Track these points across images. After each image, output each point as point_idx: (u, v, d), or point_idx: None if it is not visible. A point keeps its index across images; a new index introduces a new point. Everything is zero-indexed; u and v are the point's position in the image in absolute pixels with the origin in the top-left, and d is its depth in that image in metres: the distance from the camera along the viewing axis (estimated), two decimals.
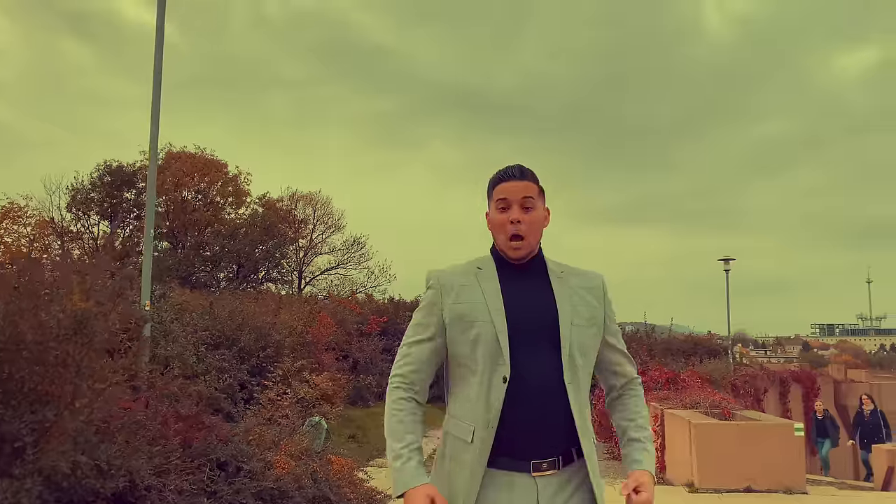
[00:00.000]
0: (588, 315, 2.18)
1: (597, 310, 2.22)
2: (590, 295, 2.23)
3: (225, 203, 35.37)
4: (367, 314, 19.74)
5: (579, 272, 2.28)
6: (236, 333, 10.33)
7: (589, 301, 2.22)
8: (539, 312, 2.14)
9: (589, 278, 2.28)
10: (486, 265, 2.24)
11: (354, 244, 36.83)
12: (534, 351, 2.08)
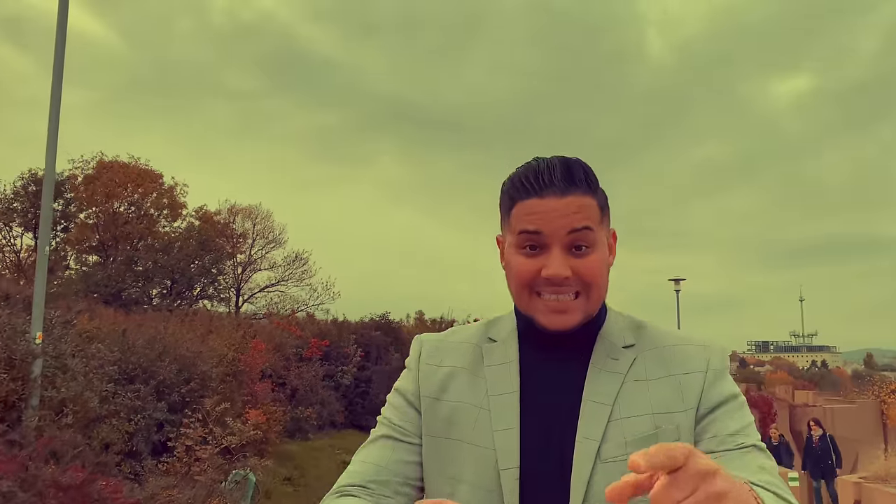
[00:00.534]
0: (645, 431, 1.15)
1: (676, 416, 1.16)
2: (667, 386, 1.19)
3: (159, 215, 34.50)
4: (308, 336, 18.51)
5: (667, 339, 1.26)
6: (155, 365, 9.05)
7: (660, 400, 1.18)
8: (563, 433, 1.18)
9: (679, 353, 1.23)
10: (503, 331, 1.31)
11: (296, 260, 35.84)
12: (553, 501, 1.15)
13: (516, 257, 1.20)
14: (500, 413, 1.19)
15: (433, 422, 1.25)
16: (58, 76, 6.88)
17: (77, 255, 33.39)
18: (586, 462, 1.13)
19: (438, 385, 1.28)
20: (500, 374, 1.24)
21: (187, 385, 9.37)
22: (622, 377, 1.19)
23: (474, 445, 1.19)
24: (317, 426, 15.62)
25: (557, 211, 1.16)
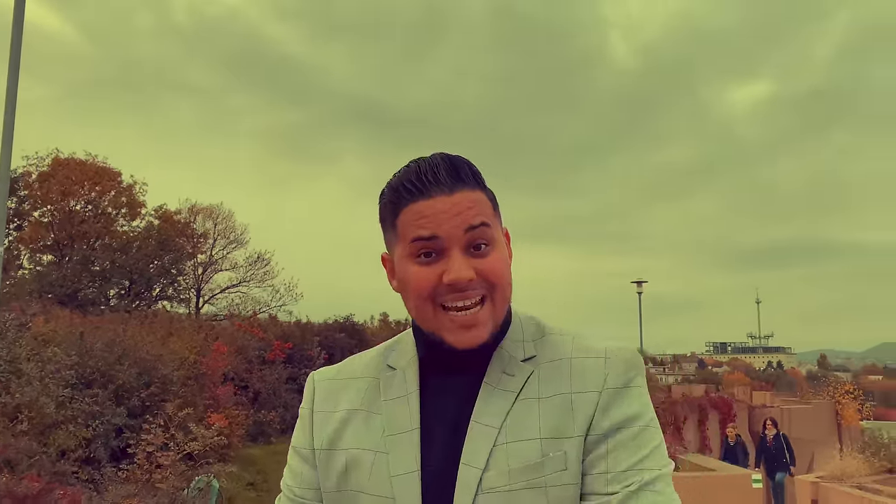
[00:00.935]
0: (530, 459, 1.02)
1: (562, 442, 1.02)
2: (557, 407, 1.05)
3: (117, 214, 33.85)
4: (271, 339, 18.28)
5: (566, 351, 1.10)
6: (114, 369, 8.82)
7: (547, 423, 1.04)
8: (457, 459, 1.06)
9: (577, 367, 1.07)
10: (404, 357, 1.17)
11: (258, 260, 35.42)
12: None
13: (412, 268, 1.06)
14: (399, 456, 1.07)
15: (329, 477, 1.13)
16: (14, 70, 6.66)
17: (31, 254, 32.59)
18: (467, 493, 1.01)
19: (332, 434, 1.14)
20: (399, 410, 1.11)
21: (147, 389, 9.15)
22: (514, 396, 1.06)
23: (371, 495, 1.06)
24: (280, 430, 15.44)
25: (449, 210, 1.04)
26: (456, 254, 1.04)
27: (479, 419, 1.05)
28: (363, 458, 1.09)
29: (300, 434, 1.19)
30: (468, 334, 1.05)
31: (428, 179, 1.06)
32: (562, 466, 1.00)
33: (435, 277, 1.04)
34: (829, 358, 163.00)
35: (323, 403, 1.18)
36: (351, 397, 1.16)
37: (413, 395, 1.11)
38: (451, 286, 1.03)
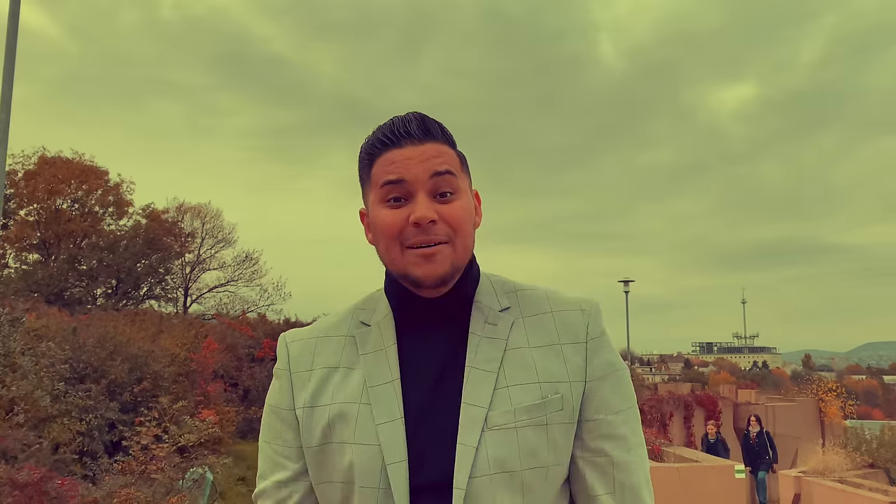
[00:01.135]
0: (531, 400, 1.11)
1: (557, 386, 1.13)
2: (549, 355, 1.15)
3: (104, 213, 33.60)
4: (260, 337, 18.30)
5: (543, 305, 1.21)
6: (106, 364, 8.87)
7: (545, 367, 1.14)
8: (445, 406, 1.13)
9: (559, 319, 1.19)
10: (378, 315, 1.23)
11: (246, 260, 35.28)
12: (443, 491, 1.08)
13: (382, 211, 1.15)
14: (382, 405, 1.12)
15: (312, 434, 1.15)
16: (9, 70, 6.71)
17: (16, 253, 32.34)
18: (473, 429, 1.07)
19: (313, 391, 1.17)
20: (378, 363, 1.16)
21: (139, 385, 9.21)
22: (504, 343, 1.15)
23: (358, 444, 1.10)
24: None
25: (417, 157, 1.13)
26: (421, 197, 1.12)
27: (475, 365, 1.12)
28: (347, 410, 1.12)
29: (277, 394, 1.22)
30: (429, 265, 1.12)
31: (400, 132, 1.15)
32: (559, 407, 1.10)
33: (402, 219, 1.12)
34: (814, 358, 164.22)
35: (298, 363, 1.21)
36: (327, 355, 1.20)
37: (391, 348, 1.16)
38: (416, 225, 1.11)
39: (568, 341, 1.16)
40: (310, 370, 1.19)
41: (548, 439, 1.09)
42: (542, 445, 1.09)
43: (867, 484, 12.09)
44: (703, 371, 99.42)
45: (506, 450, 1.07)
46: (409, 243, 1.12)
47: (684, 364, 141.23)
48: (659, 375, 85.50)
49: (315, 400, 1.16)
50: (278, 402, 1.21)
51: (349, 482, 1.10)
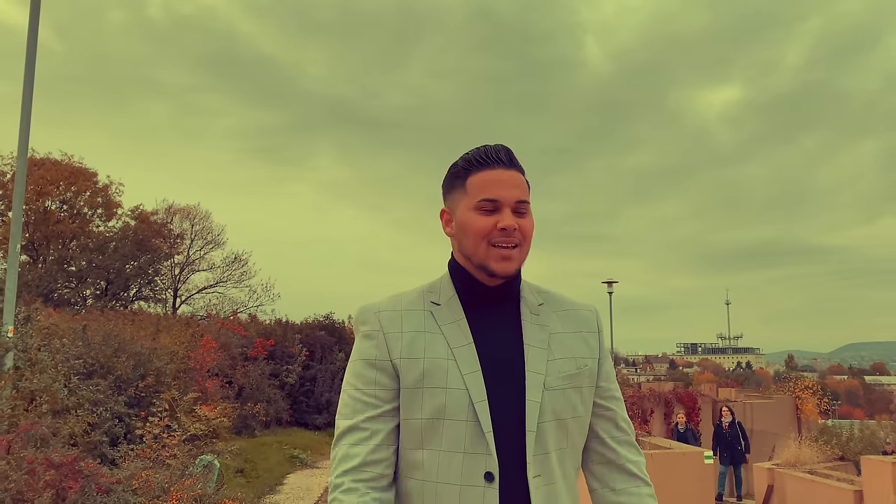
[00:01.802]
0: (571, 371, 1.56)
1: (587, 361, 1.60)
2: (578, 340, 1.62)
3: (93, 214, 33.50)
4: (253, 336, 18.69)
5: (565, 304, 1.68)
6: (112, 361, 9.29)
7: (576, 349, 1.60)
8: (511, 371, 1.53)
9: (578, 315, 1.67)
10: (444, 296, 1.62)
11: (235, 261, 35.39)
12: (512, 428, 1.49)
13: (476, 217, 1.54)
14: (465, 360, 1.50)
15: (408, 377, 1.50)
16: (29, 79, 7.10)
17: (3, 254, 32.37)
18: (537, 389, 1.50)
19: (407, 347, 1.52)
20: (455, 331, 1.54)
21: (143, 380, 9.63)
22: (548, 328, 1.60)
23: (451, 389, 1.47)
24: (263, 423, 15.89)
25: (507, 182, 1.55)
26: (508, 211, 1.53)
27: (531, 343, 1.56)
28: (440, 363, 1.49)
29: (374, 350, 1.54)
30: (506, 263, 1.53)
31: (495, 157, 1.57)
32: (588, 376, 1.58)
33: (491, 224, 1.52)
34: (797, 358, 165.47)
35: (390, 326, 1.56)
36: (412, 322, 1.56)
37: (462, 320, 1.56)
38: (503, 230, 1.52)
39: (587, 330, 1.65)
40: (400, 332, 1.55)
41: (581, 398, 1.57)
42: (579, 402, 1.56)
43: (835, 475, 12.70)
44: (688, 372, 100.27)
45: (559, 404, 1.52)
46: (493, 242, 1.53)
47: (669, 365, 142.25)
48: (644, 376, 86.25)
49: (411, 353, 1.52)
50: (375, 356, 1.54)
51: (438, 418, 1.46)
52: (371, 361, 1.53)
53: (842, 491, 11.41)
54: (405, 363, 1.51)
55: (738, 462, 14.15)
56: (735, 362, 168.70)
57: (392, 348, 1.53)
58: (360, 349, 1.57)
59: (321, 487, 11.22)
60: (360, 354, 1.56)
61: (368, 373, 1.53)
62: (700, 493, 8.14)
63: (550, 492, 1.47)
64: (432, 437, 1.47)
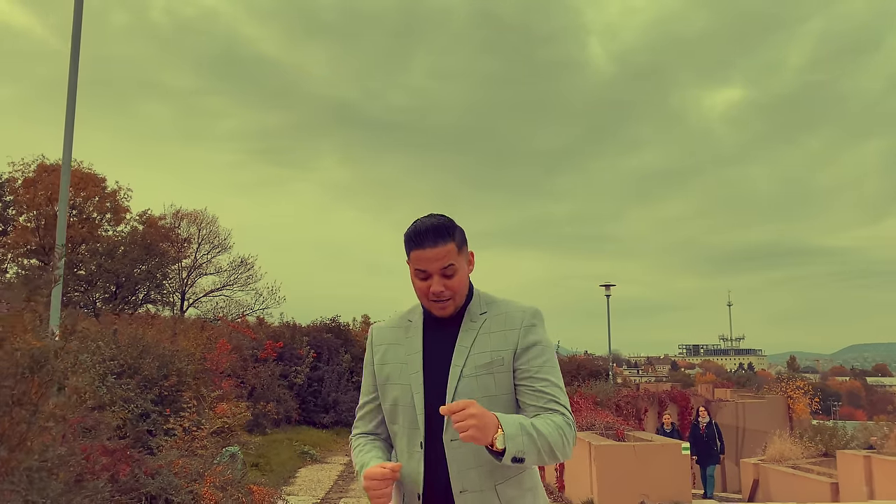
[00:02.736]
0: (485, 361, 2.06)
1: (502, 353, 2.07)
2: (498, 337, 2.10)
3: (102, 219, 33.93)
4: (262, 339, 19.45)
5: (503, 311, 2.15)
6: (138, 362, 10.04)
7: (495, 344, 2.08)
8: (444, 367, 2.09)
9: (509, 318, 2.12)
10: (415, 317, 2.22)
11: (241, 265, 35.91)
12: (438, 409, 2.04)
13: (416, 281, 2.10)
14: (413, 364, 2.12)
15: (380, 377, 2.20)
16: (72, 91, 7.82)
17: (14, 258, 32.92)
18: (454, 378, 2.04)
19: (382, 355, 2.22)
20: (413, 342, 2.16)
21: (167, 380, 10.38)
22: (476, 332, 2.10)
23: (402, 384, 2.11)
24: (274, 422, 16.64)
25: (433, 258, 2.03)
26: (436, 279, 2.04)
27: (460, 343, 2.09)
28: (398, 366, 2.15)
29: (368, 356, 2.29)
30: (443, 311, 2.10)
31: (422, 239, 2.04)
32: (500, 363, 2.07)
33: (427, 287, 2.07)
34: (799, 360, 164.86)
35: (378, 338, 2.26)
36: (391, 336, 2.23)
37: (418, 336, 2.16)
38: (434, 294, 2.06)
39: (510, 328, 2.11)
40: (380, 344, 2.24)
41: (495, 381, 2.06)
42: (492, 384, 2.05)
43: (816, 469, 13.41)
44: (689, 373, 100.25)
45: (471, 387, 2.03)
46: (431, 298, 2.09)
47: (671, 366, 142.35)
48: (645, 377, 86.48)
49: (383, 360, 2.21)
50: (368, 361, 2.28)
51: (395, 404, 2.12)
52: (366, 363, 2.29)
53: (820, 483, 12.14)
54: (379, 367, 2.22)
55: (712, 462, 14.20)
56: (737, 364, 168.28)
57: (375, 354, 2.25)
58: (365, 356, 2.33)
59: (331, 480, 11.97)
60: (365, 360, 2.32)
61: (365, 372, 2.29)
62: (677, 481, 8.87)
63: (464, 452, 2.00)
64: (395, 417, 2.13)
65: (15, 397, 3.88)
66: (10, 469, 3.84)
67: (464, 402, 1.81)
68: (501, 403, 2.04)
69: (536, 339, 2.10)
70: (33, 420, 3.96)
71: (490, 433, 1.80)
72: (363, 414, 2.27)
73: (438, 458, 2.03)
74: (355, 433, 2.27)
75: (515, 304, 2.16)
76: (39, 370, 4.02)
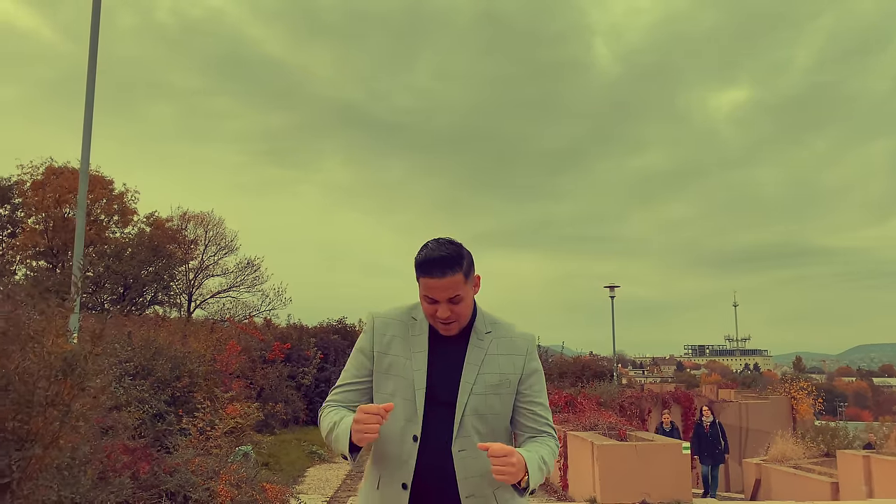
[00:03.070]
0: (495, 382, 2.21)
1: (510, 376, 2.24)
2: (506, 360, 2.25)
3: (109, 221, 34.10)
4: (270, 340, 19.70)
5: (507, 334, 2.30)
6: (151, 363, 10.30)
7: (503, 367, 2.24)
8: (451, 377, 2.20)
9: (513, 342, 2.28)
10: (421, 316, 2.29)
11: (248, 266, 36.07)
12: (442, 415, 2.17)
13: (425, 304, 2.19)
14: (418, 361, 2.20)
15: (380, 365, 2.25)
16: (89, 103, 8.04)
17: (23, 260, 33.16)
18: (465, 394, 2.17)
19: (385, 344, 2.26)
20: (418, 340, 2.24)
21: (179, 381, 10.63)
22: (485, 352, 2.23)
23: (402, 377, 2.19)
24: (283, 422, 16.88)
25: (440, 287, 2.12)
26: (443, 305, 2.14)
27: (469, 361, 2.22)
28: (400, 360, 2.22)
29: (365, 343, 2.30)
30: (448, 331, 2.21)
31: (431, 269, 2.13)
32: (507, 385, 2.23)
33: (434, 311, 2.16)
34: (805, 360, 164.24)
35: (380, 328, 2.29)
36: (395, 329, 2.28)
37: (426, 334, 2.24)
38: (440, 318, 2.16)
39: (516, 354, 2.28)
40: (384, 334, 2.28)
41: (500, 401, 2.22)
42: (497, 403, 2.21)
43: (817, 469, 13.58)
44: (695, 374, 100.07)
45: (480, 404, 2.18)
46: (438, 320, 2.19)
47: (676, 367, 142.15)
48: (651, 378, 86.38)
49: (386, 349, 2.26)
50: (365, 346, 2.30)
51: (393, 395, 2.19)
52: (362, 349, 2.32)
53: (820, 483, 12.32)
54: (380, 355, 2.27)
55: (717, 462, 14.16)
56: (743, 364, 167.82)
57: (377, 342, 2.29)
58: (359, 339, 2.37)
59: (339, 479, 12.21)
60: (358, 343, 2.37)
61: (359, 356, 2.32)
62: (677, 480, 9.07)
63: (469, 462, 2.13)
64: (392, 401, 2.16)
65: (48, 398, 4.12)
66: (44, 466, 4.08)
67: (506, 448, 1.98)
68: (501, 421, 2.25)
69: (537, 367, 2.32)
70: (65, 420, 4.19)
71: (519, 476, 2.00)
72: (344, 391, 2.31)
73: (431, 456, 2.16)
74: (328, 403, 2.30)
75: (516, 330, 2.33)
76: (71, 373, 4.26)
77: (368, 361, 2.28)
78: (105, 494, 4.61)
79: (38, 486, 3.94)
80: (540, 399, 2.28)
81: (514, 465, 1.97)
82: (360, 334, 2.36)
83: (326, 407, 2.28)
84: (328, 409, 2.27)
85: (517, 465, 1.98)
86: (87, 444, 4.62)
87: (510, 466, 1.96)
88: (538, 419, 2.26)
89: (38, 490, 3.93)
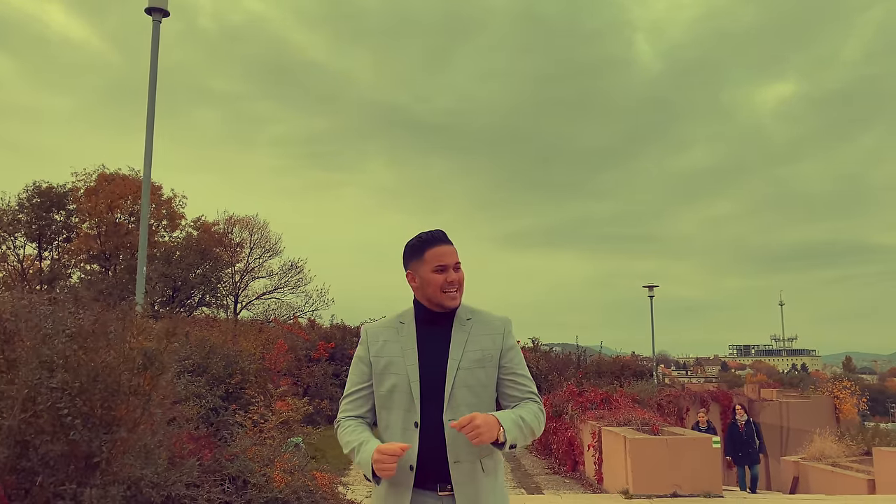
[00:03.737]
0: (478, 357, 2.46)
1: (490, 350, 2.49)
2: (487, 338, 2.51)
3: (158, 226, 35.15)
4: (315, 340, 20.37)
5: (486, 318, 2.56)
6: (206, 361, 10.94)
7: (484, 344, 2.49)
8: (440, 358, 2.45)
9: (491, 324, 2.55)
10: (407, 319, 2.56)
11: (292, 268, 36.86)
12: (437, 396, 2.41)
13: (433, 276, 2.46)
14: (409, 358, 2.46)
15: (377, 367, 2.49)
16: (150, 115, 8.69)
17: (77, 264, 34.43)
18: (452, 370, 2.42)
19: (378, 349, 2.51)
20: (408, 339, 2.49)
21: (232, 378, 11.26)
22: (468, 333, 2.50)
23: (398, 374, 2.44)
24: (328, 417, 17.51)
25: (451, 253, 2.49)
26: (451, 271, 2.47)
27: (455, 341, 2.48)
28: (395, 359, 2.47)
29: (362, 351, 2.57)
30: (453, 301, 2.49)
31: (441, 238, 2.51)
32: (490, 359, 2.50)
33: (443, 279, 2.46)
34: (855, 360, 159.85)
35: (373, 337, 2.56)
36: (386, 334, 2.54)
37: (412, 334, 2.51)
38: (451, 283, 2.47)
39: (495, 333, 2.55)
40: (376, 340, 2.55)
41: (486, 373, 2.48)
42: (483, 376, 2.47)
43: (855, 467, 13.65)
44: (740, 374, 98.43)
45: (467, 378, 2.44)
46: (444, 290, 2.48)
47: (721, 367, 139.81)
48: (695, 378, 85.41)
49: (379, 353, 2.51)
50: (362, 355, 2.57)
51: (391, 391, 2.45)
52: (360, 357, 2.60)
53: (857, 480, 12.43)
54: (375, 359, 2.54)
55: (753, 462, 13.87)
56: (790, 364, 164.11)
57: (371, 348, 2.56)
58: (357, 350, 2.64)
59: None
60: (356, 354, 2.64)
61: (359, 364, 2.59)
62: (708, 473, 9.36)
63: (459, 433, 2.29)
64: (390, 401, 2.46)
65: (131, 388, 4.68)
66: (128, 447, 4.64)
67: (467, 417, 2.23)
68: (488, 393, 2.50)
69: (513, 343, 2.61)
70: (146, 407, 4.75)
71: (494, 432, 2.25)
72: (353, 400, 2.56)
73: (430, 436, 2.39)
74: (343, 416, 2.54)
75: (493, 315, 2.62)
76: (151, 365, 4.82)
77: (367, 368, 2.55)
78: (177, 475, 5.16)
79: (123, 465, 4.50)
80: (520, 370, 2.55)
81: (479, 425, 2.19)
82: (357, 346, 2.65)
83: (343, 421, 2.53)
84: (344, 424, 2.52)
85: (483, 424, 2.21)
86: (160, 430, 5.17)
87: (477, 428, 2.19)
88: (520, 387, 2.52)
89: (123, 469, 4.49)
